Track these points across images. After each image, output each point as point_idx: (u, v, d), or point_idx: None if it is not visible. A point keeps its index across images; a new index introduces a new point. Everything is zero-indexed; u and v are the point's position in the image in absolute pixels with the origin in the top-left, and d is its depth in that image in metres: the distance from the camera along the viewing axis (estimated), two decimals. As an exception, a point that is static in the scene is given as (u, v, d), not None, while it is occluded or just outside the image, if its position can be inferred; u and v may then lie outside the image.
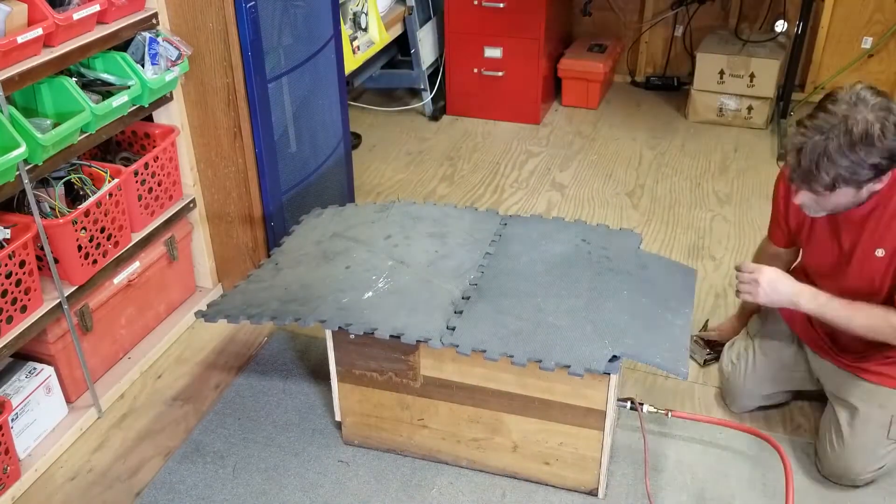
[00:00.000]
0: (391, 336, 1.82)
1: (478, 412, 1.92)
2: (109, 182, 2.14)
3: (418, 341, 1.81)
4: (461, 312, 1.86)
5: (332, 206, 2.38)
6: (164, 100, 2.30)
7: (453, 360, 1.86)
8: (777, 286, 1.88)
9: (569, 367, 1.71)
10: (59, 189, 2.07)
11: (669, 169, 3.52)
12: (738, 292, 1.94)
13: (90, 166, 2.16)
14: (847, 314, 1.84)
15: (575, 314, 1.84)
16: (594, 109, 4.10)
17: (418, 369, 1.90)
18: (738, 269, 1.95)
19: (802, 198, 1.76)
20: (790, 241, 2.11)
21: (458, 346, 1.78)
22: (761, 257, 2.22)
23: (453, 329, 1.82)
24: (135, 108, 2.20)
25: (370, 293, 1.93)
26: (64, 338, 2.12)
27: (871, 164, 1.62)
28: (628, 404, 1.97)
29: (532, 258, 2.05)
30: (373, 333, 1.83)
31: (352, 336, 1.89)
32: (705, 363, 2.36)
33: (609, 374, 1.73)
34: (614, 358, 1.72)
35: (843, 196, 1.71)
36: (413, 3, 3.80)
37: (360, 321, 1.85)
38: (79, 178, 2.12)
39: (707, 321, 2.52)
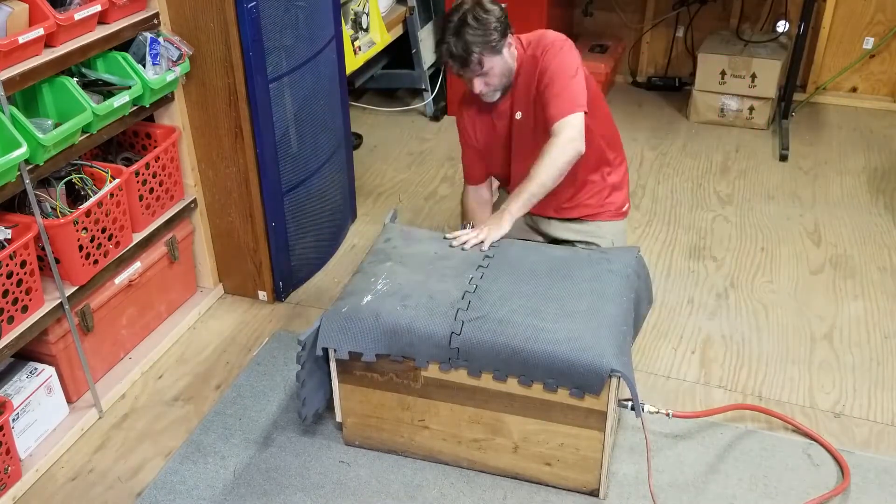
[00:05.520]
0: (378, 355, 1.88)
1: (478, 413, 1.91)
2: (111, 182, 2.14)
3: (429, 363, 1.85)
4: (462, 323, 1.86)
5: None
6: (166, 100, 2.31)
7: (454, 360, 1.86)
8: (498, 227, 2.11)
9: (569, 389, 1.78)
10: (60, 189, 2.07)
11: (671, 169, 3.51)
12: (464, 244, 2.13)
13: (91, 166, 2.16)
14: (537, 185, 2.10)
15: (575, 318, 1.84)
16: (595, 110, 4.09)
17: (419, 370, 1.90)
18: (454, 236, 2.14)
19: (478, 86, 2.16)
20: (485, 172, 2.42)
21: (468, 367, 1.84)
22: (472, 212, 2.44)
23: (457, 349, 1.83)
24: (136, 108, 2.20)
25: (369, 297, 1.94)
26: (65, 338, 2.12)
27: (491, 29, 2.09)
28: (629, 405, 1.97)
29: (532, 259, 2.05)
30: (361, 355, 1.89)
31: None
32: None
33: (611, 376, 1.74)
34: (613, 373, 1.75)
35: (496, 65, 2.13)
36: (414, 4, 3.80)
37: (355, 331, 1.87)
38: (80, 178, 2.12)
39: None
